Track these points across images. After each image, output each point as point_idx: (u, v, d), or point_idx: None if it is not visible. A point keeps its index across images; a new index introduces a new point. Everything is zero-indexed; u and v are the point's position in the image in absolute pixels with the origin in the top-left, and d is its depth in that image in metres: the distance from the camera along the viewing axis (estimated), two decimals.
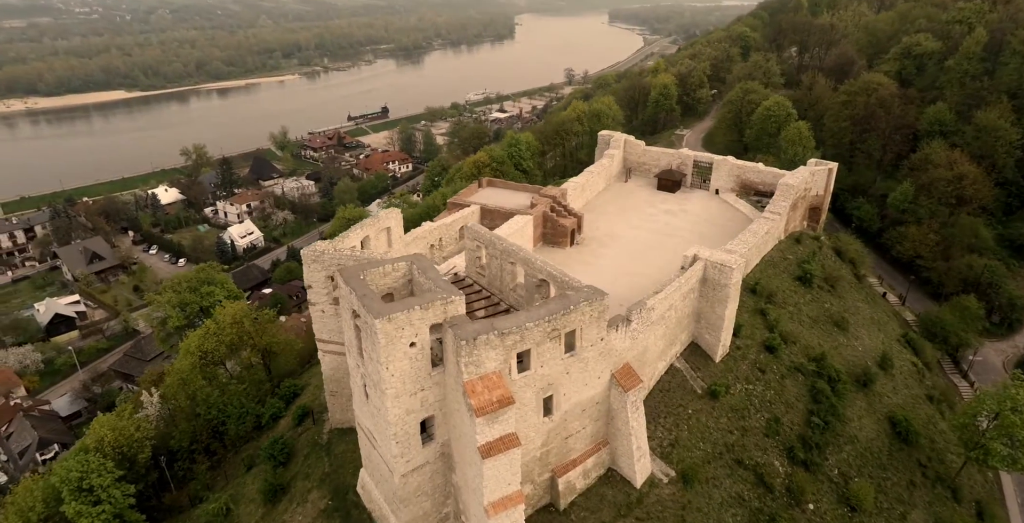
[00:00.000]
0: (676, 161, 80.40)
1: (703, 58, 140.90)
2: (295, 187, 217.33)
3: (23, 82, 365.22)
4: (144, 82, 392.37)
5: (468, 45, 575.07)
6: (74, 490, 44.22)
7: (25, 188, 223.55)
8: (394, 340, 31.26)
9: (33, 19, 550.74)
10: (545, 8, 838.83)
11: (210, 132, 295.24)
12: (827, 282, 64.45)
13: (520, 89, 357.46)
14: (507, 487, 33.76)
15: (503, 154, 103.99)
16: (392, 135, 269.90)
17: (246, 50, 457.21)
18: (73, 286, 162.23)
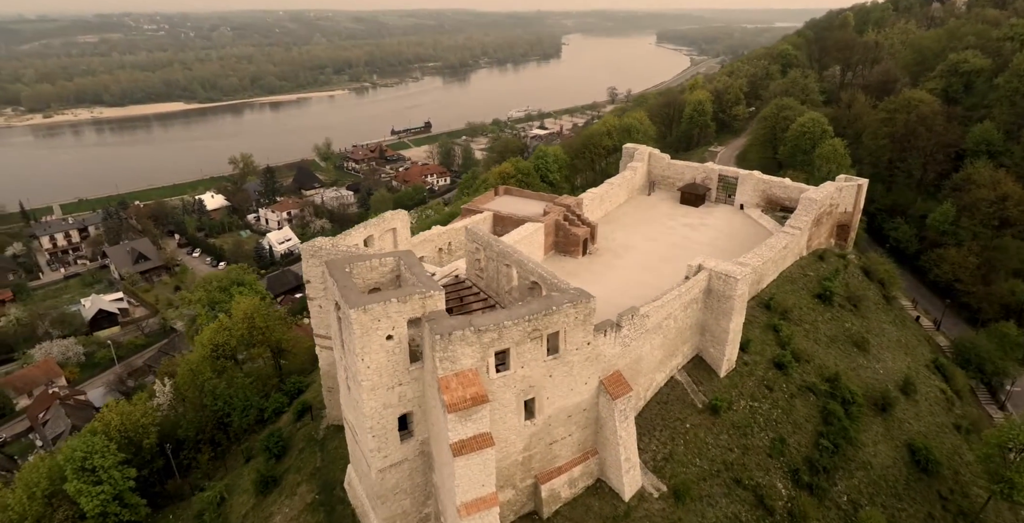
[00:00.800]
0: (700, 175, 79.14)
1: (740, 75, 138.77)
2: (334, 197, 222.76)
3: (91, 93, 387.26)
4: (202, 95, 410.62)
5: (514, 64, 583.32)
6: (77, 469, 45.55)
7: (84, 191, 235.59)
8: (370, 331, 31.22)
9: (105, 35, 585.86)
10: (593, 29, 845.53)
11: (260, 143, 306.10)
12: (850, 301, 61.79)
13: (562, 107, 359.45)
14: (481, 488, 33.08)
15: (529, 166, 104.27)
16: (432, 149, 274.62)
17: (299, 66, 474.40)
18: (119, 284, 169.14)
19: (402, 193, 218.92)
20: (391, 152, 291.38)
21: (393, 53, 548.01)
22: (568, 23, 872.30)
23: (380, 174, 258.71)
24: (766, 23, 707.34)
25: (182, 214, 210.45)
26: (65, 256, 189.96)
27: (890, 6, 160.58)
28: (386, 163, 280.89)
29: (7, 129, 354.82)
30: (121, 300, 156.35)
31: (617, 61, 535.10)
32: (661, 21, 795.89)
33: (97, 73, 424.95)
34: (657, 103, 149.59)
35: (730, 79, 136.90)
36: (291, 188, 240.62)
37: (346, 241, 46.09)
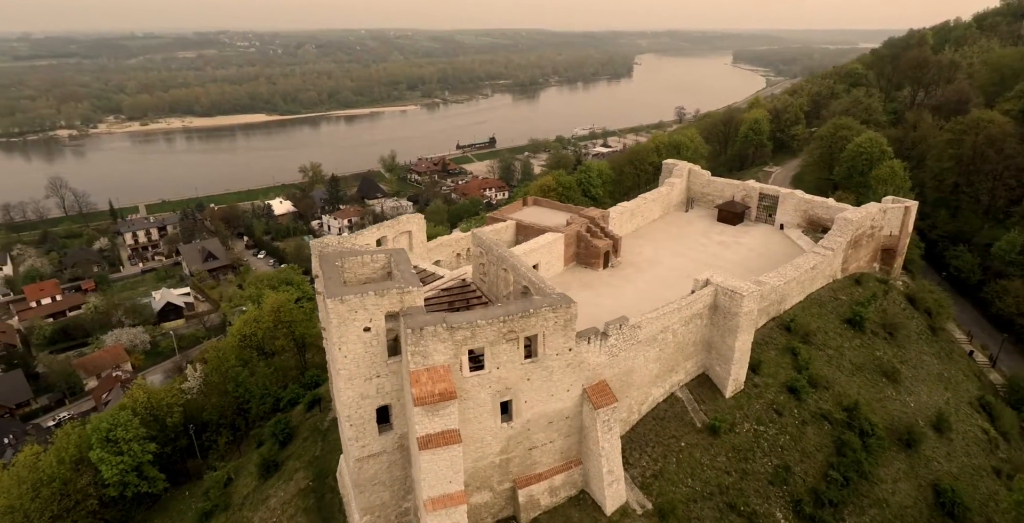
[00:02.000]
0: (740, 193, 77.15)
1: (802, 94, 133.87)
2: (394, 206, 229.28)
3: (183, 104, 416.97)
4: (283, 107, 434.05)
5: (584, 82, 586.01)
6: (102, 440, 48.87)
7: (168, 193, 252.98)
8: (347, 322, 32.28)
9: (202, 51, 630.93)
10: (667, 49, 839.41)
11: (331, 154, 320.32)
12: (885, 329, 58.24)
13: (628, 125, 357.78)
14: (448, 485, 33.29)
15: (572, 180, 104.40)
16: (493, 164, 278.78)
17: (375, 82, 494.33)
18: (188, 280, 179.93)
19: (459, 205, 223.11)
20: (454, 166, 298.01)
21: (465, 70, 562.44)
22: (642, 43, 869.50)
23: (440, 186, 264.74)
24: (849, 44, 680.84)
25: (251, 218, 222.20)
26: (144, 252, 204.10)
27: (974, 24, 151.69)
28: (448, 176, 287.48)
29: (109, 135, 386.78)
30: (188, 295, 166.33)
31: (690, 81, 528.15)
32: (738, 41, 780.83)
33: (191, 86, 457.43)
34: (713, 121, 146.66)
35: (791, 98, 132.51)
36: (355, 197, 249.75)
37: (357, 240, 47.69)
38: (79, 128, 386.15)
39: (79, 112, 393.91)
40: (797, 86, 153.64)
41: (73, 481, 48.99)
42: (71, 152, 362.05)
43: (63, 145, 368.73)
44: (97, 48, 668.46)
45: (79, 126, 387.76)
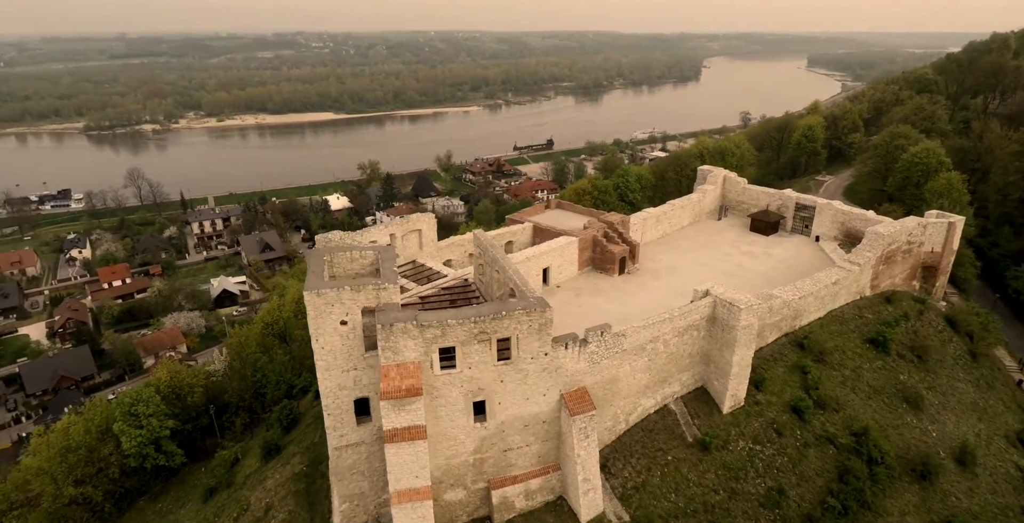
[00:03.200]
0: (776, 202, 74.59)
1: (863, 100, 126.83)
2: (445, 205, 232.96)
3: (258, 101, 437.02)
4: (349, 106, 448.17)
5: (649, 85, 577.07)
6: (125, 413, 52.31)
7: (236, 186, 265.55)
8: (323, 314, 33.37)
9: (280, 51, 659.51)
10: (739, 52, 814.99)
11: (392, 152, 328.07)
12: (913, 351, 54.86)
13: (688, 130, 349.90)
14: (414, 479, 33.82)
15: (609, 184, 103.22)
16: (547, 166, 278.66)
17: (439, 83, 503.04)
18: (245, 269, 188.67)
19: (508, 206, 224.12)
20: (509, 167, 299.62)
21: (529, 72, 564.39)
22: (713, 46, 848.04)
23: (493, 187, 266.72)
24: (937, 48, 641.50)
25: (309, 212, 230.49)
26: (209, 241, 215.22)
27: None
28: (502, 177, 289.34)
29: (188, 130, 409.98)
30: (244, 283, 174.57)
31: (759, 85, 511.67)
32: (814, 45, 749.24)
33: (266, 84, 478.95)
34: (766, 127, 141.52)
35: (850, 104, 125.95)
36: (409, 195, 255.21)
37: (364, 237, 49.04)
38: (162, 123, 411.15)
39: (163, 108, 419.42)
40: (859, 92, 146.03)
41: (98, 449, 52.71)
42: (154, 145, 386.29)
43: (147, 138, 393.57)
44: (184, 48, 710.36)
45: (162, 121, 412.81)
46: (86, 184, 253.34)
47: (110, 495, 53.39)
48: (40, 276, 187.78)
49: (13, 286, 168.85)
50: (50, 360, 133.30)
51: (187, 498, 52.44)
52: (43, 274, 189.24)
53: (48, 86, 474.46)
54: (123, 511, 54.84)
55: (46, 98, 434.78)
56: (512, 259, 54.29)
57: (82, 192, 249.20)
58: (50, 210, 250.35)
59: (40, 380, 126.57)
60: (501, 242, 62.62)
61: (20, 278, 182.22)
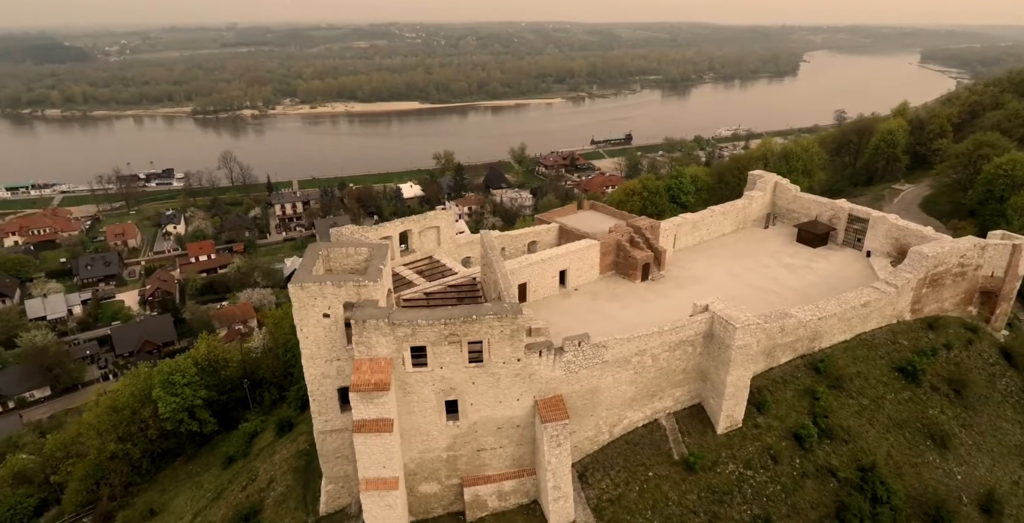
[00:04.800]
0: (828, 213, 70.51)
1: (956, 102, 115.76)
2: (513, 198, 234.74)
3: (349, 90, 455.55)
4: (434, 96, 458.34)
5: (741, 80, 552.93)
6: (163, 381, 57.34)
7: (319, 171, 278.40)
8: (307, 307, 35.33)
9: (374, 41, 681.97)
10: (844, 46, 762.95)
11: (470, 142, 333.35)
12: (950, 384, 50.61)
13: (776, 128, 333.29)
14: (381, 469, 35.32)
15: (660, 185, 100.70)
16: (621, 161, 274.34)
17: (524, 74, 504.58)
18: None
19: (571, 203, 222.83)
20: (583, 161, 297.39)
21: (616, 65, 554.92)
22: (816, 39, 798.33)
23: (564, 181, 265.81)
24: None
25: (382, 199, 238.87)
26: (289, 222, 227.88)
27: None
28: (576, 171, 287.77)
29: (283, 116, 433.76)
30: None
31: (863, 82, 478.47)
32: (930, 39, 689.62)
33: (358, 74, 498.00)
34: (844, 130, 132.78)
35: (940, 107, 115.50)
36: (480, 186, 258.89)
37: (379, 233, 50.79)
38: (260, 109, 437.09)
39: (262, 95, 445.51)
40: (952, 93, 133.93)
41: (140, 412, 58.19)
42: (252, 129, 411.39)
43: (246, 123, 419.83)
44: (288, 37, 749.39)
45: (260, 107, 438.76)
46: (188, 164, 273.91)
47: (148, 453, 59.04)
48: (139, 248, 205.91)
49: (115, 256, 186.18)
50: (137, 325, 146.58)
51: (212, 463, 56.92)
52: (142, 246, 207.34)
53: (164, 72, 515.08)
54: (159, 469, 60.41)
55: (161, 84, 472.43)
56: (528, 260, 54.90)
57: (183, 172, 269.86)
58: (154, 187, 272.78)
59: (127, 343, 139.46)
60: (524, 242, 63.09)
61: (122, 249, 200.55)
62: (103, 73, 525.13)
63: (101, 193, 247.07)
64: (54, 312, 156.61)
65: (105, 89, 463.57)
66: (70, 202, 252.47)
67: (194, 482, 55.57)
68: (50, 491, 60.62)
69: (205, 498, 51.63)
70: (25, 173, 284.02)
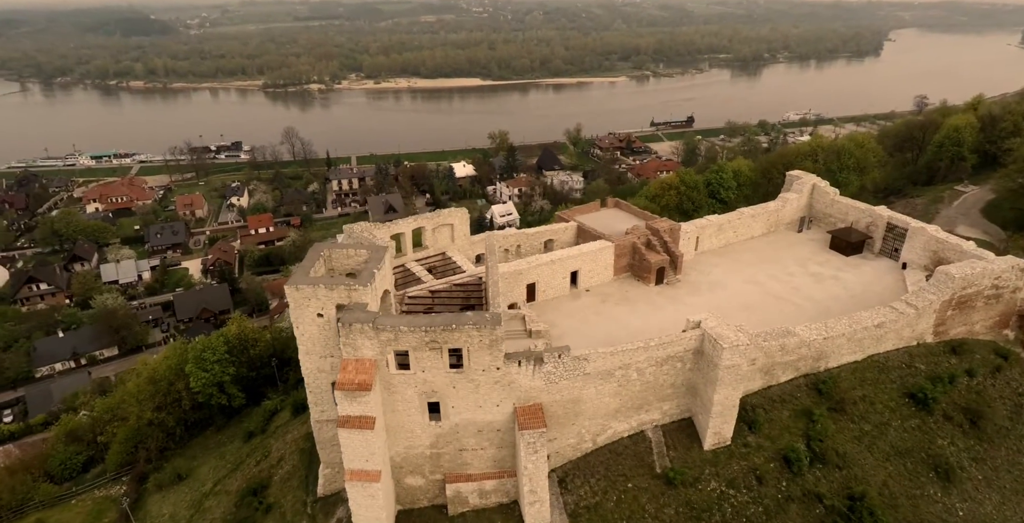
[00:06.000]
0: (866, 219, 67.46)
1: None
2: (564, 180, 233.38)
3: (412, 65, 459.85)
4: (496, 73, 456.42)
5: (818, 60, 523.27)
6: (196, 356, 61.90)
7: (377, 147, 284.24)
8: (301, 306, 37.51)
9: (442, 16, 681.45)
10: (936, 24, 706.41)
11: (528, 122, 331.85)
12: (966, 414, 48.22)
13: (849, 113, 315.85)
14: (364, 462, 37.55)
15: (699, 180, 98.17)
16: (679, 145, 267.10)
17: (588, 51, 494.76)
18: None
19: (627, 186, 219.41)
20: (639, 143, 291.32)
21: (684, 42, 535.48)
22: (905, 16, 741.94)
23: (619, 164, 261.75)
24: None
25: (434, 178, 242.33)
26: (344, 198, 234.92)
27: None
28: (631, 154, 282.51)
29: (348, 91, 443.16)
30: None
31: (952, 65, 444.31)
32: None
33: (423, 49, 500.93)
34: (907, 124, 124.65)
35: (1020, 101, 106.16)
36: (532, 167, 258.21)
37: (392, 229, 52.54)
38: (327, 83, 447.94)
39: (329, 69, 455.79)
40: None
41: (175, 384, 63.11)
42: (318, 104, 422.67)
43: (313, 97, 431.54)
44: (358, 11, 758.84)
45: (327, 81, 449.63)
46: (255, 137, 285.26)
47: (181, 422, 64.14)
48: (205, 218, 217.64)
49: (182, 225, 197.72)
50: (197, 293, 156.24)
51: (236, 436, 61.30)
52: (208, 217, 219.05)
53: (239, 46, 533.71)
54: (192, 437, 65.52)
55: (236, 58, 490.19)
56: (538, 260, 55.57)
57: (250, 145, 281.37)
58: (223, 159, 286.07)
59: (188, 309, 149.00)
60: (540, 240, 63.62)
61: (190, 218, 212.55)
62: (183, 46, 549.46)
63: (174, 164, 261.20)
64: (125, 277, 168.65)
65: (184, 62, 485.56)
66: (146, 171, 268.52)
67: (219, 452, 60.13)
68: (96, 450, 67.04)
69: (225, 468, 55.94)
70: (109, 143, 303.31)
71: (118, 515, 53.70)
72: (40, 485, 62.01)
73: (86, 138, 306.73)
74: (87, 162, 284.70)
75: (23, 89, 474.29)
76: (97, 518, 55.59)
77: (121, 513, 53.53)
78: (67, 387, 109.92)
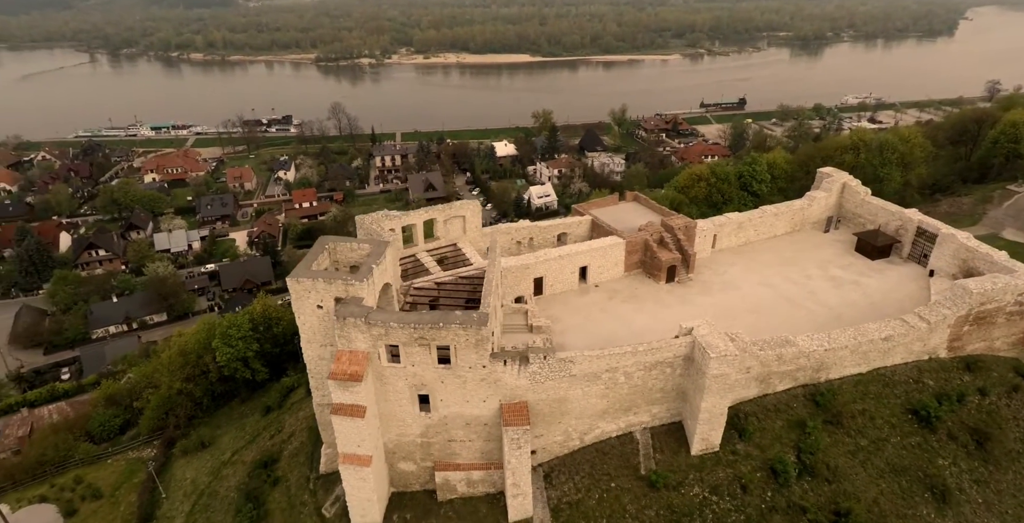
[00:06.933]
0: (895, 222, 65.19)
1: None
2: (605, 162, 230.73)
3: (461, 40, 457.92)
4: (545, 49, 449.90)
5: (886, 39, 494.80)
6: (223, 333, 65.50)
7: (423, 124, 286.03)
8: (302, 298, 39.44)
9: None
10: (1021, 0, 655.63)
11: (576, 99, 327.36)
12: (973, 435, 46.76)
13: (913, 98, 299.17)
14: (356, 447, 39.70)
15: (731, 172, 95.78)
16: (726, 129, 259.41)
17: (641, 27, 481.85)
18: (411, 205, 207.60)
19: (669, 170, 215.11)
20: (685, 126, 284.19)
21: (743, 19, 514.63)
22: None
23: (664, 147, 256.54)
24: None
25: (475, 156, 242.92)
26: (387, 174, 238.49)
27: None
28: (677, 136, 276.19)
29: (398, 65, 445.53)
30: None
31: None
32: None
33: (474, 23, 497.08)
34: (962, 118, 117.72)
35: None
36: (574, 148, 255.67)
37: (403, 220, 53.85)
38: (377, 58, 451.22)
39: (380, 43, 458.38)
40: None
41: (203, 357, 67.13)
42: (368, 78, 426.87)
43: (363, 71, 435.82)
44: None
45: (377, 56, 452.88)
46: (305, 111, 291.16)
47: (208, 392, 68.28)
48: (253, 191, 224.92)
49: (231, 197, 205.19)
50: (241, 264, 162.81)
51: (257, 409, 64.91)
52: (256, 189, 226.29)
53: (295, 19, 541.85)
54: (218, 407, 69.69)
55: (290, 31, 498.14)
56: (547, 255, 56.12)
57: (300, 119, 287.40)
58: (274, 133, 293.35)
59: (232, 279, 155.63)
60: (553, 233, 64.09)
61: (239, 191, 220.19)
62: (241, 18, 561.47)
63: (227, 136, 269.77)
64: (176, 246, 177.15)
65: (242, 34, 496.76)
66: (201, 143, 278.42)
67: (240, 423, 63.92)
68: (132, 414, 72.20)
69: (243, 439, 59.56)
70: (168, 114, 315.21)
71: (146, 476, 58.14)
72: (80, 444, 67.62)
73: (147, 109, 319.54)
74: (147, 133, 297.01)
75: (92, 60, 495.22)
76: (129, 477, 60.37)
77: (148, 475, 57.92)
78: (119, 349, 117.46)
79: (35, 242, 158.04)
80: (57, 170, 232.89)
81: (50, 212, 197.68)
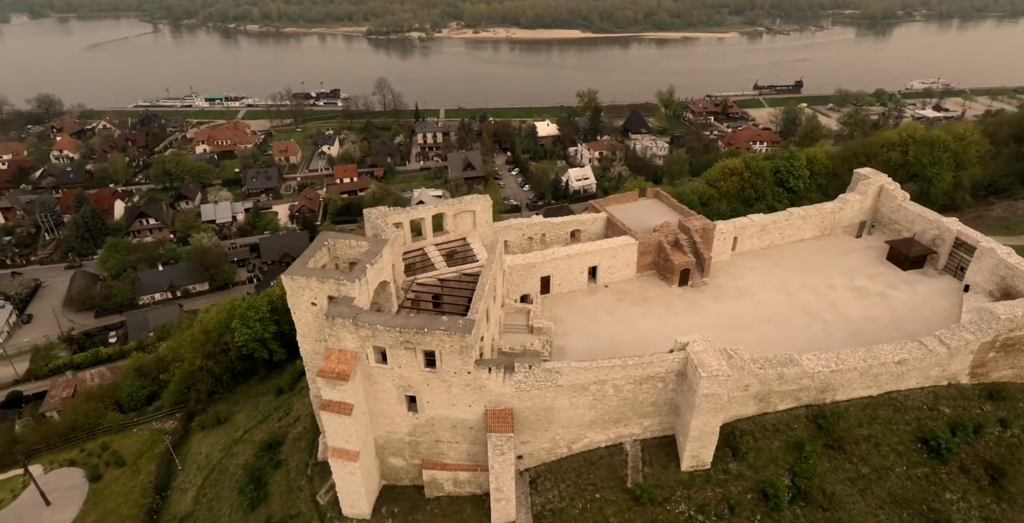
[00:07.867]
0: (932, 231, 61.39)
1: None
2: (648, 146, 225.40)
3: (512, 15, 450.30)
4: (597, 25, 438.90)
5: (961, 19, 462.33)
6: (242, 314, 67.73)
7: (467, 101, 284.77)
8: (296, 295, 40.16)
9: None
10: None
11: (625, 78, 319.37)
12: (987, 470, 44.01)
13: (984, 85, 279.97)
14: (344, 442, 40.60)
15: (767, 166, 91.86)
16: (777, 113, 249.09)
17: (698, 3, 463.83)
18: (448, 184, 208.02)
19: (713, 156, 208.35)
20: (736, 109, 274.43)
21: None
22: None
23: (711, 130, 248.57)
24: None
25: (516, 136, 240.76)
26: (428, 152, 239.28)
27: None
28: (726, 120, 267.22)
29: (448, 39, 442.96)
30: (441, 197, 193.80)
31: None
32: None
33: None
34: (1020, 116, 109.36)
35: None
36: (618, 129, 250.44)
37: (411, 215, 53.88)
38: (427, 32, 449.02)
39: (430, 17, 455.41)
40: None
41: (224, 336, 69.68)
42: (417, 52, 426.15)
43: (413, 45, 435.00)
44: None
45: (428, 30, 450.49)
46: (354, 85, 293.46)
47: (228, 370, 71.01)
48: (297, 165, 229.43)
49: (275, 171, 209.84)
50: (280, 238, 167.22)
51: (271, 389, 67.28)
52: (300, 163, 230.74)
53: None
54: (237, 384, 72.48)
55: (344, 3, 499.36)
56: (554, 254, 55.44)
57: (347, 93, 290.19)
58: (322, 106, 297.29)
59: (271, 253, 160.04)
60: (567, 230, 63.22)
61: (284, 164, 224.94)
62: None
63: (275, 109, 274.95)
64: (222, 217, 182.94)
65: (297, 6, 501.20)
66: (251, 116, 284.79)
67: (255, 402, 66.41)
68: (159, 386, 75.91)
69: (255, 419, 61.90)
70: (222, 85, 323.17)
71: (164, 448, 61.31)
72: (109, 413, 71.69)
73: (203, 80, 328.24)
74: (201, 104, 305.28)
75: (155, 30, 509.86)
76: (151, 447, 63.79)
77: (165, 448, 61.04)
78: (161, 317, 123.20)
79: (91, 209, 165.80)
80: (116, 139, 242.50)
81: (107, 180, 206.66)
